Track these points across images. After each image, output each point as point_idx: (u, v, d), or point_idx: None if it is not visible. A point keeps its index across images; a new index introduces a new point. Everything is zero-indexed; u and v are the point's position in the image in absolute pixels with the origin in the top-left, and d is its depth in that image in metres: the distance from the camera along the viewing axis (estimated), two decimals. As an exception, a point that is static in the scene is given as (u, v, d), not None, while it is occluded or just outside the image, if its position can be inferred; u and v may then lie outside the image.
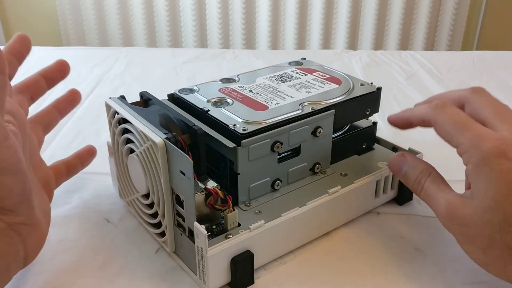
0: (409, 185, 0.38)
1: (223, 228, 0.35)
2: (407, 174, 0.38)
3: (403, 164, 0.38)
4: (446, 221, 0.33)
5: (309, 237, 0.39)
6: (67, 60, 0.45)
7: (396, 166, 0.39)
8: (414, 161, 0.38)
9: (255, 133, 0.37)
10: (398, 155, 0.39)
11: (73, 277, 0.36)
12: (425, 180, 0.36)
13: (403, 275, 0.36)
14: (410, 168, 0.37)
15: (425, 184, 0.36)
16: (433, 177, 0.36)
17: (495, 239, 0.30)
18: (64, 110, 0.45)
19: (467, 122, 0.34)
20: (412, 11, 1.66)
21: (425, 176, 0.36)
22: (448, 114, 0.35)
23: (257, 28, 1.68)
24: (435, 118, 0.35)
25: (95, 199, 0.45)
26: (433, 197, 0.35)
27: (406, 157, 0.38)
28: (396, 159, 0.39)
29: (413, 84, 0.75)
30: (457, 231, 0.33)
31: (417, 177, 0.36)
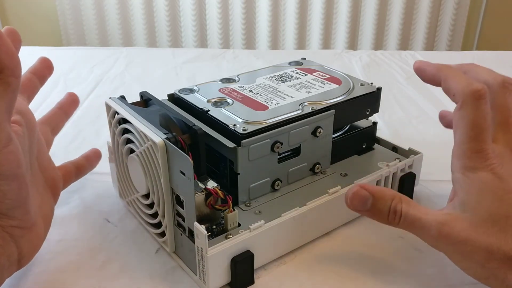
0: (382, 219, 0.34)
1: (223, 228, 0.35)
2: (376, 207, 0.33)
3: (366, 199, 0.34)
4: (439, 243, 0.32)
5: (309, 237, 0.39)
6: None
7: (358, 201, 0.34)
8: (378, 190, 0.34)
9: (255, 133, 0.37)
10: (355, 187, 0.34)
11: (73, 277, 0.36)
12: (401, 207, 0.33)
13: (403, 275, 0.36)
14: (377, 200, 0.33)
15: (403, 211, 0.33)
16: (406, 201, 0.33)
17: (493, 251, 0.29)
18: (68, 111, 0.45)
19: (483, 131, 0.32)
20: (412, 11, 1.66)
21: (399, 203, 0.33)
22: (477, 110, 0.32)
23: (257, 28, 1.68)
24: (464, 105, 0.32)
25: (95, 199, 0.45)
26: (419, 222, 0.32)
27: (367, 188, 0.34)
28: (355, 194, 0.34)
29: (413, 84, 0.75)
30: (452, 250, 0.31)
31: (390, 206, 0.33)
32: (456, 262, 0.32)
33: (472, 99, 0.32)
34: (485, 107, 0.32)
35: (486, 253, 0.30)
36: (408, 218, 0.33)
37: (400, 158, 0.44)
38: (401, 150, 0.46)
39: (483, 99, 0.32)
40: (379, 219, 0.34)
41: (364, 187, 0.34)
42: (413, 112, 0.65)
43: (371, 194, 0.34)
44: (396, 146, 0.46)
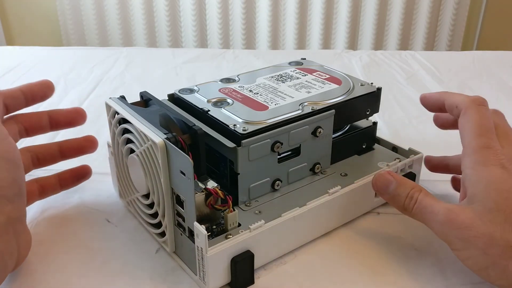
0: (399, 203, 0.36)
1: (223, 228, 0.35)
2: (397, 191, 0.36)
3: (390, 183, 0.37)
4: (445, 227, 0.33)
5: (309, 237, 0.39)
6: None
7: (382, 184, 0.37)
8: (403, 179, 0.37)
9: (255, 133, 0.37)
10: (384, 173, 0.38)
11: (73, 277, 0.36)
12: (418, 195, 0.35)
13: (403, 275, 0.36)
14: (400, 186, 0.36)
15: (419, 198, 0.35)
16: (425, 192, 0.36)
17: (496, 238, 0.30)
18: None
19: (488, 131, 0.34)
20: (412, 11, 1.66)
21: (417, 191, 0.36)
22: (480, 113, 0.35)
23: (257, 28, 1.68)
24: (467, 110, 0.35)
25: (95, 199, 0.45)
26: (430, 208, 0.34)
27: (394, 175, 0.37)
28: (382, 176, 0.38)
29: (413, 84, 0.75)
30: (456, 236, 0.32)
31: (409, 193, 0.36)
32: (458, 250, 0.33)
33: (474, 104, 0.36)
34: (487, 112, 0.35)
35: (489, 239, 0.31)
36: (421, 204, 0.35)
37: (400, 158, 0.44)
38: (401, 150, 0.46)
39: (484, 106, 0.36)
40: (397, 204, 0.37)
41: (391, 173, 0.37)
42: (413, 112, 0.65)
43: (395, 179, 0.37)
44: (396, 146, 0.46)
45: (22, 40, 1.73)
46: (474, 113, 0.35)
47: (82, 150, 0.44)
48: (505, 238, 0.30)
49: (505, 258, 0.30)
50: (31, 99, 0.41)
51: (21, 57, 0.84)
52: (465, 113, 0.36)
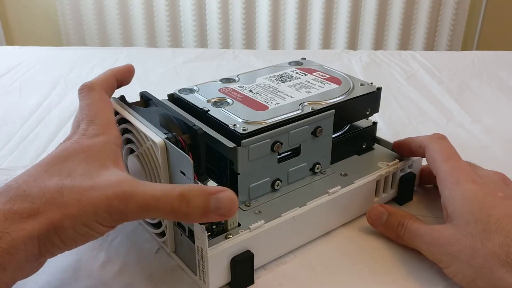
0: (392, 231, 0.39)
1: (223, 228, 0.34)
2: (389, 221, 0.39)
3: (383, 214, 0.39)
4: (432, 247, 0.35)
5: (309, 237, 0.39)
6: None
7: (376, 216, 0.40)
8: (394, 209, 0.39)
9: (255, 133, 0.37)
10: (377, 206, 0.40)
11: (73, 277, 0.36)
12: (408, 222, 0.38)
13: (403, 275, 0.36)
14: (391, 216, 0.39)
15: (408, 224, 0.37)
16: (414, 219, 0.38)
17: (477, 248, 0.32)
18: None
19: (453, 155, 0.39)
20: (412, 11, 1.66)
21: (407, 219, 0.38)
22: (441, 144, 0.40)
23: (257, 28, 1.68)
24: (429, 145, 0.40)
25: (95, 199, 0.45)
26: (417, 231, 0.36)
27: (385, 207, 0.40)
28: (375, 209, 0.40)
29: (413, 84, 0.75)
30: (442, 253, 0.34)
31: (400, 221, 0.38)
32: (447, 268, 0.34)
33: (433, 139, 0.41)
34: (447, 142, 0.40)
35: (471, 250, 0.32)
36: (411, 229, 0.37)
37: (400, 158, 0.44)
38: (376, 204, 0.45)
39: (443, 139, 0.41)
40: (390, 233, 0.39)
41: (382, 206, 0.40)
42: (413, 112, 0.65)
43: (387, 211, 0.39)
44: (396, 146, 0.46)
45: (22, 40, 1.72)
46: (436, 144, 0.40)
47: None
48: (485, 246, 0.32)
49: (489, 265, 0.31)
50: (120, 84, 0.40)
51: (21, 57, 0.84)
52: (428, 148, 0.40)
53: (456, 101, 0.68)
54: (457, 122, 0.62)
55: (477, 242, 0.32)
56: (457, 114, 0.64)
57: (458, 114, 0.64)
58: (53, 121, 0.61)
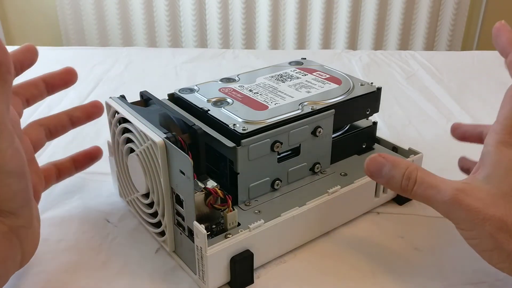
0: (396, 185, 0.34)
1: (223, 228, 0.35)
2: (391, 173, 0.34)
3: (383, 165, 0.35)
4: (451, 208, 0.31)
5: (309, 236, 0.39)
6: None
7: (375, 168, 0.35)
8: (396, 159, 0.35)
9: (255, 132, 0.37)
10: (376, 156, 0.35)
11: (73, 277, 0.36)
12: (416, 174, 0.33)
13: (402, 275, 0.36)
14: (393, 167, 0.34)
15: (418, 178, 0.33)
16: (422, 170, 0.34)
17: (507, 223, 0.29)
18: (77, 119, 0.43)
19: None
20: (412, 11, 1.66)
21: (413, 171, 0.33)
22: None
23: (257, 28, 1.68)
24: None
25: (95, 199, 0.45)
26: (434, 187, 0.32)
27: (386, 157, 0.35)
28: (374, 160, 0.35)
29: (413, 84, 0.75)
30: (464, 217, 0.31)
31: (404, 173, 0.33)
32: (463, 230, 0.32)
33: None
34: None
35: (499, 222, 0.30)
36: (424, 184, 0.33)
37: (400, 158, 0.44)
38: (401, 150, 0.46)
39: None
40: (393, 186, 0.34)
41: (382, 155, 0.35)
42: (413, 112, 0.65)
43: (388, 161, 0.34)
44: (396, 146, 0.46)
45: (22, 40, 1.72)
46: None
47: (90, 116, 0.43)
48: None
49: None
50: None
51: (21, 57, 0.84)
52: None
53: (456, 101, 0.68)
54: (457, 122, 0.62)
55: (508, 217, 0.29)
56: (457, 114, 0.64)
57: (458, 114, 0.64)
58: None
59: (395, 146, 0.46)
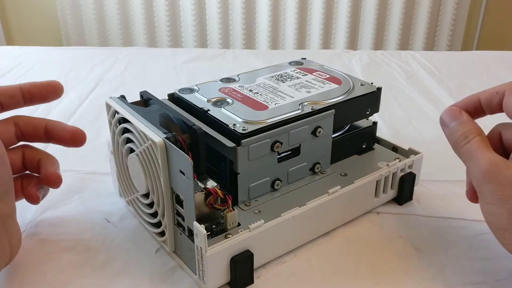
0: (454, 137, 0.35)
1: (223, 228, 0.35)
2: (456, 127, 0.35)
3: (455, 119, 0.36)
4: (483, 177, 0.32)
5: (309, 237, 0.39)
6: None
7: (448, 118, 0.36)
8: (468, 118, 0.36)
9: (255, 132, 0.37)
10: (453, 109, 0.37)
11: (73, 277, 0.36)
12: (473, 138, 0.34)
13: (402, 275, 0.36)
14: (462, 123, 0.35)
15: (472, 140, 0.34)
16: (482, 137, 0.34)
17: None
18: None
19: None
20: (412, 11, 1.66)
21: (474, 134, 0.34)
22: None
23: (257, 28, 1.68)
24: None
25: (95, 199, 0.45)
26: (476, 153, 0.33)
27: (462, 113, 0.36)
28: (450, 112, 0.37)
29: (413, 84, 0.75)
30: (490, 190, 0.31)
31: (465, 132, 0.35)
32: (485, 203, 0.32)
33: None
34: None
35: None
36: (472, 146, 0.34)
37: (400, 158, 0.44)
38: (401, 150, 0.46)
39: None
40: (451, 138, 0.36)
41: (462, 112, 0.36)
42: (413, 112, 0.65)
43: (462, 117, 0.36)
44: (396, 146, 0.46)
45: (22, 40, 1.73)
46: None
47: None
48: None
49: None
50: (29, 99, 0.40)
51: (21, 57, 0.84)
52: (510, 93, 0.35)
53: (456, 101, 0.68)
54: (457, 122, 0.62)
55: None
56: (457, 114, 0.64)
57: (458, 114, 0.64)
58: (53, 121, 0.61)
59: (395, 146, 0.46)
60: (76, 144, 0.41)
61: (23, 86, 0.39)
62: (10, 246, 0.33)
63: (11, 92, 0.39)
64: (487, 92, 0.37)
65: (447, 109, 0.37)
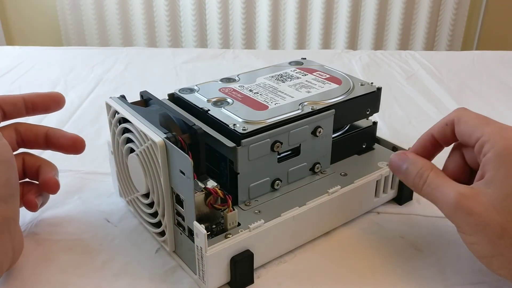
0: (410, 181, 0.36)
1: (223, 228, 0.35)
2: (408, 170, 0.36)
3: (404, 162, 0.37)
4: (455, 211, 0.32)
5: (309, 236, 0.39)
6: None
7: (396, 163, 0.37)
8: (415, 157, 0.37)
9: (255, 132, 0.37)
10: (398, 153, 0.38)
11: (73, 277, 0.36)
12: (428, 174, 0.35)
13: (402, 275, 0.36)
14: (411, 164, 0.36)
15: (428, 177, 0.34)
16: (436, 171, 0.35)
17: (507, 229, 0.29)
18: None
19: (488, 118, 0.34)
20: (412, 11, 1.66)
21: (427, 170, 0.35)
22: (471, 112, 0.36)
23: (257, 28, 1.68)
24: (460, 115, 0.35)
25: (95, 199, 0.45)
26: (439, 189, 0.33)
27: (407, 154, 0.37)
28: (396, 156, 0.38)
29: (413, 84, 0.75)
30: (467, 222, 0.31)
31: (419, 171, 0.35)
32: (464, 234, 0.32)
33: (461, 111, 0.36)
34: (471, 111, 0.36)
35: (501, 229, 0.30)
36: (431, 184, 0.34)
37: (400, 158, 0.44)
38: (401, 150, 0.46)
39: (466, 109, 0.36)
40: (407, 181, 0.36)
41: (406, 153, 0.37)
42: (413, 112, 0.65)
43: (409, 159, 0.37)
44: (396, 146, 0.46)
45: (22, 40, 1.73)
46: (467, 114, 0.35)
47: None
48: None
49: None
50: (32, 109, 0.40)
51: (21, 57, 0.84)
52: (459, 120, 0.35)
53: (456, 101, 0.68)
54: (457, 122, 0.62)
55: (510, 222, 0.29)
56: (457, 114, 0.64)
57: (458, 114, 0.64)
58: (53, 121, 0.61)
59: (395, 146, 0.46)
60: (76, 151, 0.42)
61: (26, 96, 0.40)
62: (13, 250, 0.33)
63: (13, 101, 0.39)
64: (437, 126, 0.37)
65: (393, 156, 0.38)
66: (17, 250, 0.34)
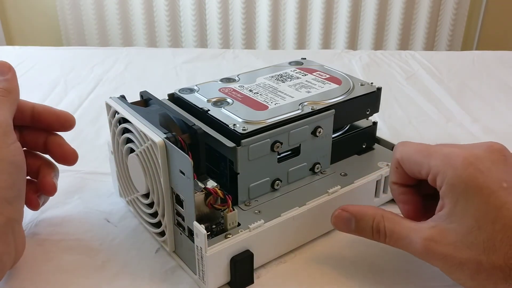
0: (368, 238, 0.34)
1: (223, 228, 0.35)
2: (359, 227, 0.34)
3: (349, 221, 0.35)
4: (427, 258, 0.31)
5: (309, 236, 0.39)
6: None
7: (342, 223, 0.35)
8: (359, 210, 0.35)
9: (255, 132, 0.37)
10: (339, 212, 0.35)
11: (73, 277, 0.36)
12: (384, 225, 0.33)
13: (402, 274, 0.36)
14: (359, 220, 0.34)
15: (386, 229, 0.33)
16: (389, 218, 0.33)
17: (481, 262, 0.29)
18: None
19: (430, 147, 0.33)
20: (412, 11, 1.66)
21: (380, 222, 0.33)
22: (410, 146, 0.34)
23: (257, 28, 1.68)
24: (401, 154, 0.34)
25: (95, 199, 0.45)
26: (404, 239, 0.32)
27: (349, 210, 0.35)
28: (338, 217, 0.35)
29: (413, 84, 0.75)
30: (442, 264, 0.31)
31: (372, 226, 0.34)
32: (447, 274, 0.31)
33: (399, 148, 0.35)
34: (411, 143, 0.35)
35: (475, 265, 0.29)
36: (394, 236, 0.33)
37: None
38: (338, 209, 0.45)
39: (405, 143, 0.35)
40: (366, 237, 0.35)
41: (345, 209, 0.35)
42: (413, 112, 0.65)
43: (352, 215, 0.35)
44: (396, 146, 0.46)
45: (22, 40, 1.72)
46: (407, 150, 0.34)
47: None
48: (491, 260, 0.29)
49: (493, 280, 0.29)
50: (37, 120, 0.39)
51: (21, 57, 0.84)
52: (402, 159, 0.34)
53: (456, 101, 0.68)
54: (457, 122, 0.62)
55: (481, 254, 0.29)
56: (457, 114, 0.64)
57: (458, 114, 0.64)
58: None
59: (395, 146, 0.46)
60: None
61: (37, 107, 0.39)
62: (16, 250, 0.33)
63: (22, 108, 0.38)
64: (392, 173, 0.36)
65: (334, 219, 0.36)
66: (18, 251, 0.34)
